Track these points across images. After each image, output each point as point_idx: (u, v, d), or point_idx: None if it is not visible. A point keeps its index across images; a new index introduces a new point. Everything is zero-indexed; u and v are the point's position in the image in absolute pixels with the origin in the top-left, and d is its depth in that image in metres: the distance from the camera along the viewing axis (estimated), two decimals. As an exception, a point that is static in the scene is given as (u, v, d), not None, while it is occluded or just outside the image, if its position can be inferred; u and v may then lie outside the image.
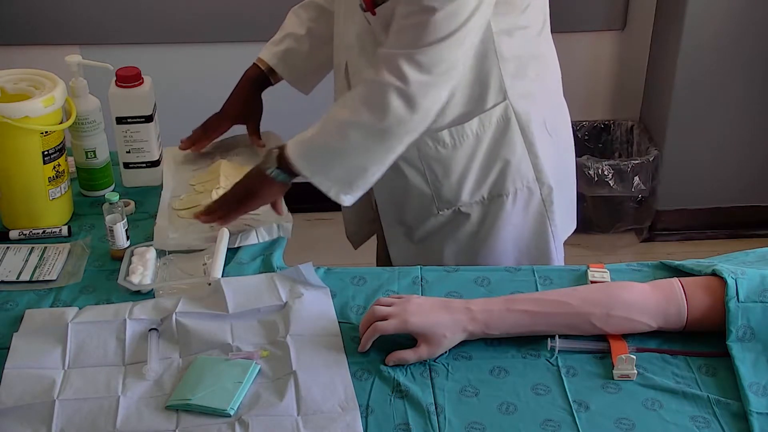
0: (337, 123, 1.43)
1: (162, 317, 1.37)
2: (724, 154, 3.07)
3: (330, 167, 1.44)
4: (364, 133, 1.40)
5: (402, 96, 1.36)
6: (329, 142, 1.44)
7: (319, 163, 1.44)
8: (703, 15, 2.82)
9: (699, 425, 1.19)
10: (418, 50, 1.35)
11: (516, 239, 1.66)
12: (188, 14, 2.91)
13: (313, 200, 1.84)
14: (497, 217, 1.62)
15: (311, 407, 1.21)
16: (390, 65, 1.36)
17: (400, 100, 1.36)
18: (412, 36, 1.35)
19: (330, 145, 1.44)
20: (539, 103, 1.60)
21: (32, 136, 1.56)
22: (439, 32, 1.34)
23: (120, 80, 1.71)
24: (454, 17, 1.34)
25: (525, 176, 1.61)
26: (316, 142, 1.45)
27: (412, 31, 1.36)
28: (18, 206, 1.63)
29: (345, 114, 1.42)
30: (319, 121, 1.46)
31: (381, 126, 1.39)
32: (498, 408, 1.22)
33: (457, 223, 1.63)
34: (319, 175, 1.44)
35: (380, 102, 1.37)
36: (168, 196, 1.72)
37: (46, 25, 2.88)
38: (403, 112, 1.37)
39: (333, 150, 1.43)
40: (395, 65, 1.36)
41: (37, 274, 1.51)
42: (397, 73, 1.35)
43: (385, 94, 1.37)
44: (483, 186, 1.60)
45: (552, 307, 1.32)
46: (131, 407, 1.22)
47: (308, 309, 1.39)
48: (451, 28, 1.34)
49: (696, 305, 1.31)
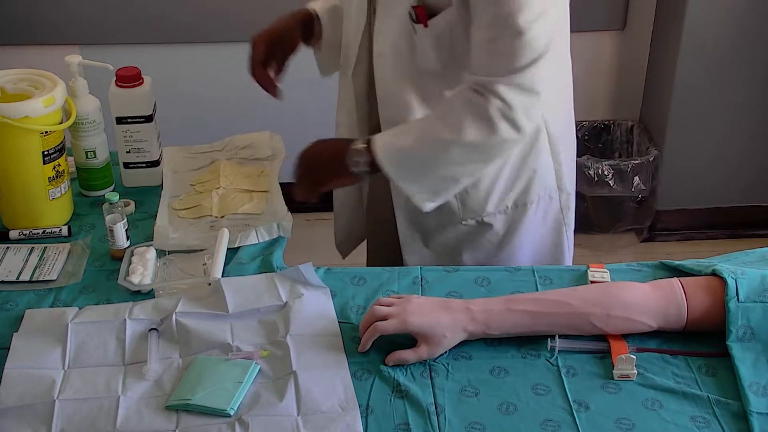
0: (439, 140, 1.42)
1: (162, 317, 1.37)
2: (724, 154, 3.07)
3: (423, 177, 1.46)
4: (467, 151, 1.42)
5: (507, 119, 1.37)
6: (427, 156, 1.44)
7: (412, 172, 1.46)
8: (703, 15, 2.82)
9: (699, 425, 1.19)
10: (517, 74, 1.35)
11: (534, 246, 1.67)
12: (188, 14, 2.91)
13: (313, 200, 1.85)
14: (519, 226, 1.63)
15: (311, 407, 1.21)
16: (490, 91, 1.37)
17: (506, 123, 1.38)
18: (507, 61, 1.35)
19: (427, 158, 1.44)
20: (562, 111, 1.61)
21: (32, 136, 1.56)
22: (533, 53, 1.34)
23: (120, 80, 1.71)
24: (542, 34, 1.34)
25: (548, 184, 1.62)
26: (412, 152, 1.45)
27: (505, 56, 1.35)
28: (18, 206, 1.63)
29: (447, 132, 1.41)
30: (412, 129, 1.47)
31: (486, 145, 1.41)
32: (498, 408, 1.22)
33: (480, 233, 1.63)
34: (410, 182, 1.46)
35: (487, 125, 1.38)
36: (168, 196, 1.73)
37: (46, 25, 2.88)
38: (509, 133, 1.39)
39: (429, 163, 1.45)
40: (495, 91, 1.36)
41: (37, 274, 1.51)
42: (500, 99, 1.36)
43: (492, 118, 1.37)
44: (509, 196, 1.60)
45: (552, 307, 1.32)
46: (131, 407, 1.22)
47: (308, 309, 1.39)
48: (542, 45, 1.34)
49: (696, 305, 1.31)
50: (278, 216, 1.65)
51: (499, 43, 1.35)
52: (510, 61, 1.35)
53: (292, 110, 3.00)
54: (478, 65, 1.39)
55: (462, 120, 1.39)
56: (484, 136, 1.39)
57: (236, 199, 1.70)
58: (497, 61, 1.36)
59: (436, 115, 1.46)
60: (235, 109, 3.00)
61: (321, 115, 1.84)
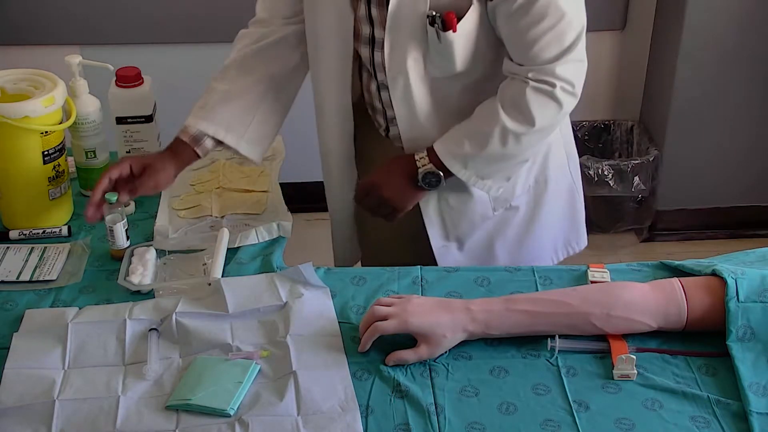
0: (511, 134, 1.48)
1: (162, 317, 1.37)
2: (724, 154, 3.07)
3: (498, 172, 1.56)
4: (540, 135, 1.51)
5: (570, 94, 1.47)
6: (500, 153, 1.50)
7: (486, 171, 1.54)
8: (703, 15, 2.82)
9: (699, 425, 1.19)
10: (569, 53, 1.44)
11: (556, 219, 1.74)
12: (188, 14, 2.91)
13: (313, 200, 1.84)
14: (541, 202, 1.69)
15: (311, 407, 1.21)
16: (551, 75, 1.44)
17: (570, 98, 1.47)
18: (557, 44, 1.43)
19: (501, 154, 1.51)
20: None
21: (32, 136, 1.56)
22: (577, 27, 1.44)
23: (120, 80, 1.72)
24: (579, 11, 1.44)
25: (560, 154, 1.69)
26: (484, 155, 1.51)
27: (554, 40, 1.42)
28: (18, 206, 1.63)
29: (518, 125, 1.47)
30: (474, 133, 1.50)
31: (556, 123, 1.51)
32: (498, 408, 1.22)
33: (508, 219, 1.68)
34: (484, 179, 1.55)
35: (555, 106, 1.46)
36: (168, 196, 1.73)
37: (46, 25, 2.88)
38: (571, 105, 1.49)
39: (504, 158, 1.52)
40: (556, 74, 1.44)
41: (37, 274, 1.51)
42: (562, 80, 1.44)
43: (559, 99, 1.46)
44: (531, 173, 1.66)
45: (552, 307, 1.32)
46: (131, 407, 1.22)
47: (308, 309, 1.39)
48: (581, 18, 1.45)
49: (696, 305, 1.31)
50: (278, 216, 1.65)
51: (545, 29, 1.41)
52: (560, 43, 1.43)
53: (292, 110, 3.00)
54: (528, 55, 1.44)
55: (531, 109, 1.45)
56: (554, 116, 1.48)
57: (236, 199, 1.70)
58: (548, 46, 1.43)
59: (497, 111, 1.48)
60: (235, 109, 2.99)
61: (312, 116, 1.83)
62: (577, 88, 1.47)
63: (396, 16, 1.46)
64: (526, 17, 1.40)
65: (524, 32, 1.42)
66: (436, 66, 1.49)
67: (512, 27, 1.43)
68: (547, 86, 1.44)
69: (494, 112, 1.48)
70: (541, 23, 1.40)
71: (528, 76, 1.44)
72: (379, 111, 1.64)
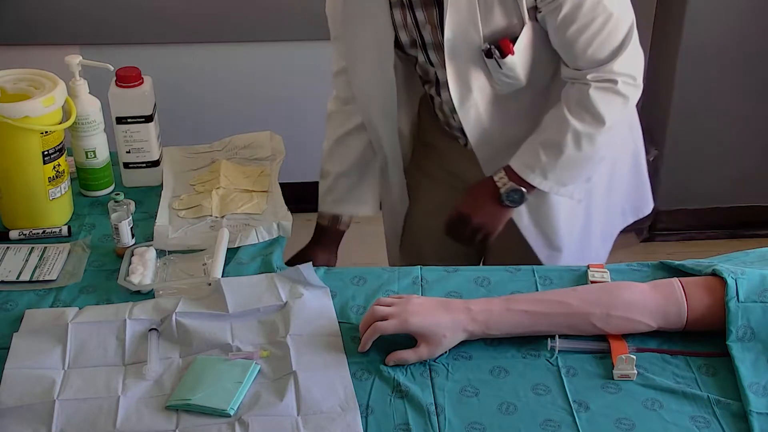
0: (584, 136, 1.51)
1: (162, 317, 1.37)
2: (724, 154, 3.07)
3: (577, 177, 1.59)
4: (612, 132, 1.54)
5: (634, 86, 1.50)
6: (576, 157, 1.53)
7: (564, 178, 1.57)
8: (703, 15, 2.82)
9: (699, 425, 1.19)
10: (624, 48, 1.47)
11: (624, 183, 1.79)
12: (188, 14, 2.91)
13: (313, 200, 1.84)
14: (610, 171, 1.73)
15: (311, 407, 1.21)
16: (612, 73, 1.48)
17: (634, 89, 1.51)
18: (611, 43, 1.47)
19: (577, 159, 1.54)
20: None
21: (32, 136, 1.56)
22: (626, 22, 1.48)
23: (120, 80, 1.71)
24: (626, 7, 1.48)
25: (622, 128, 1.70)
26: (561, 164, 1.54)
27: (607, 40, 1.47)
28: (18, 206, 1.63)
29: (589, 127, 1.50)
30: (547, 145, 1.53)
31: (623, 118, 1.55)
32: (498, 408, 1.22)
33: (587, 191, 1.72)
34: (565, 186, 1.59)
35: (622, 100, 1.50)
36: (168, 196, 1.73)
37: (46, 25, 2.88)
38: (637, 95, 1.52)
39: (581, 162, 1.56)
40: (617, 72, 1.48)
41: (37, 274, 1.51)
42: (624, 75, 1.48)
43: (624, 94, 1.49)
44: None
45: (552, 307, 1.32)
46: (131, 407, 1.22)
47: (308, 309, 1.39)
48: (630, 14, 1.49)
49: (696, 305, 1.31)
50: (278, 216, 1.65)
51: (595, 32, 1.45)
52: (612, 42, 1.47)
53: (292, 110, 3.00)
54: (583, 59, 1.47)
55: (598, 109, 1.48)
56: (621, 111, 1.51)
57: (236, 199, 1.70)
58: (601, 48, 1.47)
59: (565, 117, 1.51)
60: (235, 109, 3.00)
61: (321, 116, 1.84)
62: (638, 80, 1.50)
63: (453, 53, 1.50)
64: (574, 24, 1.43)
65: (575, 38, 1.45)
66: (502, 86, 1.53)
67: (563, 35, 1.46)
68: (609, 84, 1.48)
69: (562, 118, 1.51)
70: (590, 27, 1.44)
71: (588, 78, 1.47)
72: (456, 128, 1.68)
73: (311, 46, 2.80)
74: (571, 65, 1.50)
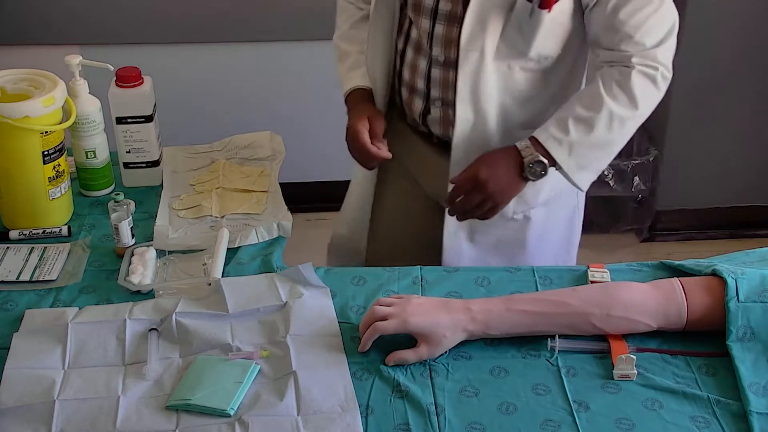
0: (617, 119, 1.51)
1: (162, 317, 1.37)
2: (724, 154, 3.07)
3: (598, 161, 1.56)
4: (640, 119, 1.54)
5: (666, 79, 1.52)
6: (606, 139, 1.52)
7: (587, 159, 1.54)
8: (703, 15, 2.81)
9: (699, 425, 1.19)
10: (669, 38, 1.49)
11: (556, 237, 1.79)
12: (188, 14, 2.91)
13: (313, 200, 1.84)
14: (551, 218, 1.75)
15: (311, 407, 1.21)
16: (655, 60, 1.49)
17: (665, 82, 1.52)
18: (661, 27, 1.48)
19: (606, 141, 1.53)
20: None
21: (32, 136, 1.56)
22: (673, 14, 1.50)
23: (120, 80, 1.71)
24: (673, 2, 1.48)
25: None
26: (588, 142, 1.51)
27: (657, 24, 1.48)
28: (18, 206, 1.63)
29: (623, 110, 1.50)
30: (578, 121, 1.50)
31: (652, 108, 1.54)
32: (498, 408, 1.22)
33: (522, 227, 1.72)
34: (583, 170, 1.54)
35: (656, 89, 1.51)
36: (168, 196, 1.73)
37: (46, 25, 2.88)
38: (664, 91, 1.53)
39: (607, 145, 1.54)
40: (659, 60, 1.49)
41: (37, 274, 1.51)
42: (664, 66, 1.50)
43: (659, 83, 1.51)
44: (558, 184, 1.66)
45: (552, 307, 1.32)
46: (131, 407, 1.22)
47: (308, 309, 1.39)
48: (675, 9, 1.49)
49: (696, 305, 1.31)
50: (278, 216, 1.65)
51: (648, 14, 1.46)
52: (662, 27, 1.48)
53: (292, 110, 3.00)
54: (632, 41, 1.47)
55: (635, 93, 1.49)
56: (654, 100, 1.53)
57: (236, 199, 1.70)
58: (650, 31, 1.47)
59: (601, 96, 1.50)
60: (235, 109, 3.00)
61: (321, 115, 1.84)
62: (670, 75, 1.52)
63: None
64: (629, 4, 1.45)
65: (628, 18, 1.46)
66: (510, 44, 1.50)
67: (614, 15, 1.46)
68: (651, 70, 1.49)
69: (598, 96, 1.50)
70: (644, 8, 1.45)
71: (633, 61, 1.48)
72: (420, 92, 1.62)
73: (311, 46, 2.81)
74: (614, 47, 1.49)
